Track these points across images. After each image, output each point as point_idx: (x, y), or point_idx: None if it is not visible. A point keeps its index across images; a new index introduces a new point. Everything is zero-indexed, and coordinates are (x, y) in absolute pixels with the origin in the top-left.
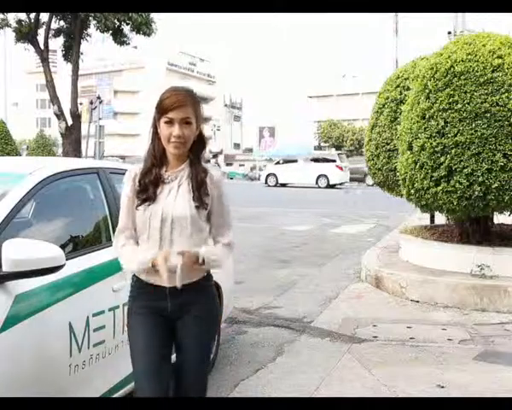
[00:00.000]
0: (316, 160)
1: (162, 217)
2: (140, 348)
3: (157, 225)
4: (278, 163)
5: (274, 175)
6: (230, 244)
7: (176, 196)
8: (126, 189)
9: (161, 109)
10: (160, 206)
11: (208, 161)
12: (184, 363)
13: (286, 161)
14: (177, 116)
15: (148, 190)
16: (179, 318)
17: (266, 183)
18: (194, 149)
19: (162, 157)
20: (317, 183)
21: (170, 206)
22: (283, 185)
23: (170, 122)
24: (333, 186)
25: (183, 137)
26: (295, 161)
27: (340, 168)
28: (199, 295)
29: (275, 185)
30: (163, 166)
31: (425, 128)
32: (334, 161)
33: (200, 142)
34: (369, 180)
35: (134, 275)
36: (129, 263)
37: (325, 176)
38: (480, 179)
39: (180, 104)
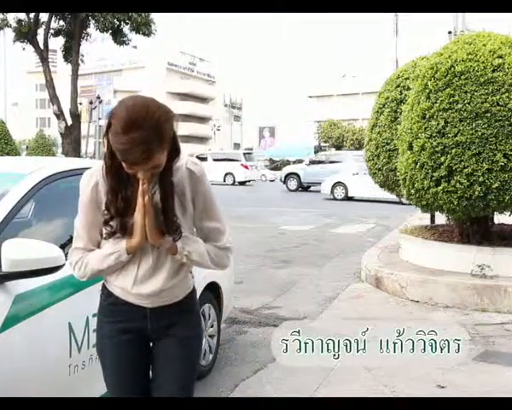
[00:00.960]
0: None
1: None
2: (116, 388)
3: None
4: None
5: None
6: (226, 248)
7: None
8: (85, 200)
9: (119, 155)
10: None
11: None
12: (162, 390)
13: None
14: (140, 169)
15: (113, 220)
16: (159, 339)
17: None
18: (167, 162)
19: (124, 174)
20: (224, 180)
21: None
22: None
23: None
24: (243, 183)
25: (150, 178)
26: (205, 159)
27: (246, 167)
28: (183, 314)
29: None
30: (130, 180)
31: (425, 128)
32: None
33: (173, 149)
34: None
35: (104, 289)
36: (99, 265)
37: (231, 174)
38: (481, 179)
39: (142, 160)
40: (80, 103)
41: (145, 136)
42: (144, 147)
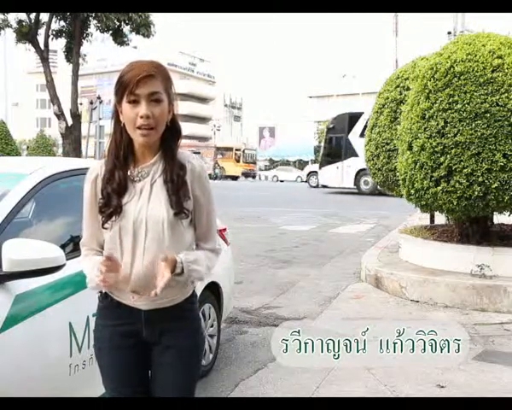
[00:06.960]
0: None
1: (134, 227)
2: (114, 392)
3: (130, 240)
4: None
5: None
6: (216, 250)
7: (149, 197)
8: (86, 195)
9: (123, 86)
10: (130, 217)
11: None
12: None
13: None
14: (143, 91)
15: (110, 202)
16: (156, 343)
17: None
18: (167, 137)
19: (127, 152)
20: None
21: (143, 210)
22: None
23: (135, 101)
24: None
25: (152, 118)
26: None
27: None
28: (181, 321)
29: None
30: (129, 165)
31: (425, 128)
32: None
33: (174, 129)
34: None
35: (101, 291)
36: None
37: None
38: (480, 179)
39: (146, 75)
40: (81, 104)
41: (148, 65)
42: (147, 70)
